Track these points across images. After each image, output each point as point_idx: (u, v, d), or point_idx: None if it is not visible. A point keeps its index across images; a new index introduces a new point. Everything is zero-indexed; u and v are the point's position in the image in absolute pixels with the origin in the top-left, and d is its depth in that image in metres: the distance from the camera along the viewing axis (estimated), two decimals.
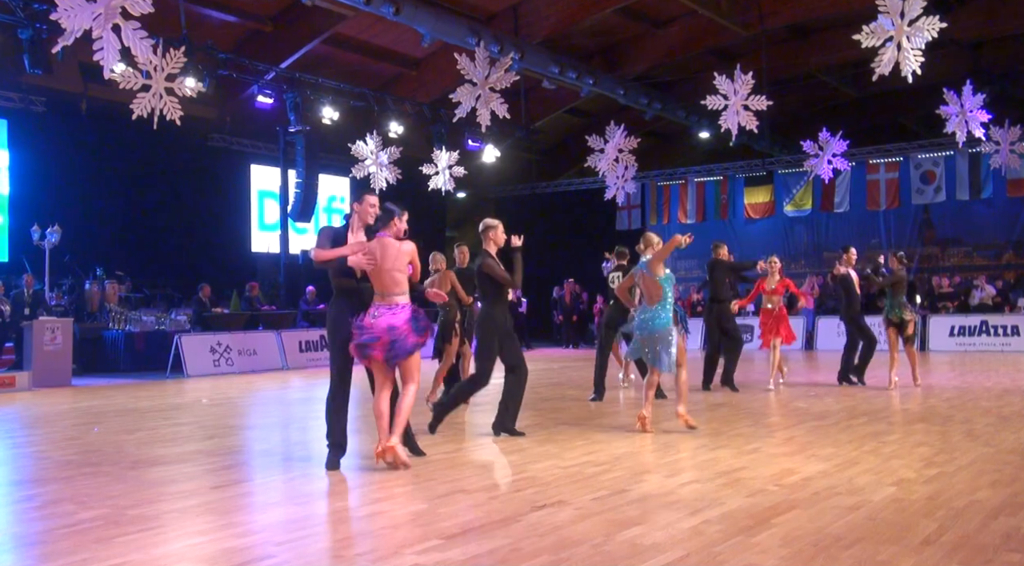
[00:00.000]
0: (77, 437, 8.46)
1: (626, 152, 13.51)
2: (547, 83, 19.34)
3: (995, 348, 19.04)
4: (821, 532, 4.57)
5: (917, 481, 5.79)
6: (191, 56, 13.33)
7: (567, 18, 18.59)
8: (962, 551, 4.21)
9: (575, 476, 6.06)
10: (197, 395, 12.57)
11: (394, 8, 14.57)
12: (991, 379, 12.87)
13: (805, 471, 6.14)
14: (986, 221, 23.97)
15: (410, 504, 5.31)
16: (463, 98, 10.86)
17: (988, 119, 12.30)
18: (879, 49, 9.22)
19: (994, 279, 21.83)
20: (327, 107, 18.50)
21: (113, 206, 18.74)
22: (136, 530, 4.77)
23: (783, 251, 23.36)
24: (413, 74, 21.32)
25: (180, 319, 17.08)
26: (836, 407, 9.76)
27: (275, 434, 9.18)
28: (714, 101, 11.45)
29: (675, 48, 20.85)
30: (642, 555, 4.19)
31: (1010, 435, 7.68)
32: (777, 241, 25.38)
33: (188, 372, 15.46)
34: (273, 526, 4.98)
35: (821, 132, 14.15)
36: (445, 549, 4.33)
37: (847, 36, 9.78)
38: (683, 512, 4.99)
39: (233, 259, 21.02)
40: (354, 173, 14.42)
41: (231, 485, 6.11)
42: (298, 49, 18.53)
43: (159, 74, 8.57)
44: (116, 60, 7.35)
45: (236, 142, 21.04)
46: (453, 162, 13.95)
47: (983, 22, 19.49)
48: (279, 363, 17.07)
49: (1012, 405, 9.78)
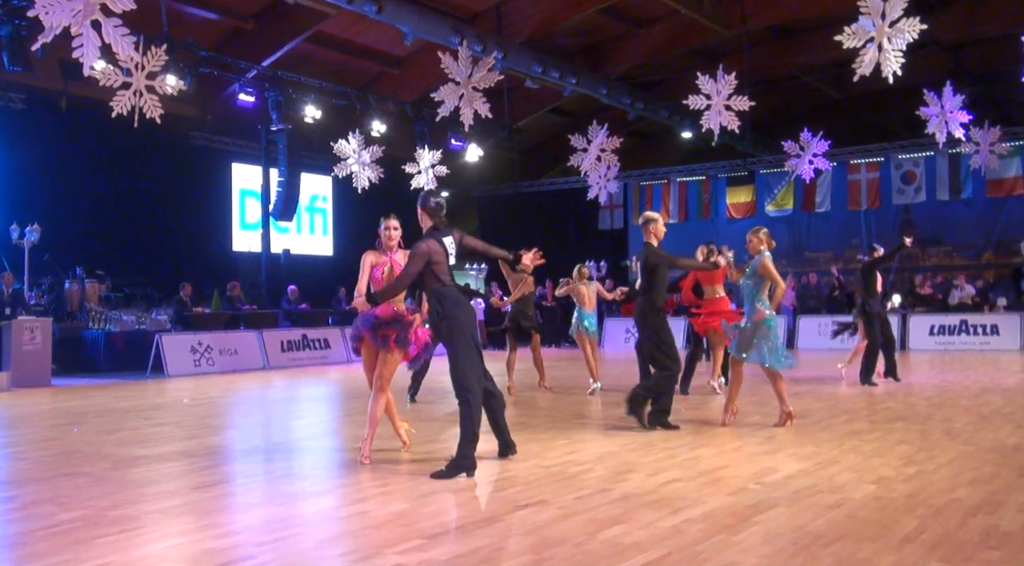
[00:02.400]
0: (57, 438, 8.39)
1: (608, 152, 13.53)
2: (530, 82, 19.34)
3: (974, 347, 19.19)
4: (802, 530, 4.59)
5: (897, 479, 5.83)
6: (172, 54, 13.24)
7: (550, 17, 18.61)
8: (942, 548, 4.25)
9: (557, 475, 6.07)
10: (178, 395, 12.50)
11: (376, 6, 14.54)
12: (970, 378, 12.97)
13: (786, 469, 6.17)
14: (966, 221, 24.16)
15: (392, 504, 5.30)
16: (446, 97, 10.84)
17: (968, 120, 12.40)
18: (860, 50, 9.28)
19: (974, 279, 21.99)
20: (309, 106, 18.44)
21: (93, 205, 18.59)
22: (117, 531, 4.74)
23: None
24: (396, 73, 21.29)
25: (161, 318, 16.97)
26: (816, 406, 9.81)
27: (256, 434, 9.14)
28: (696, 101, 11.48)
29: (658, 48, 20.90)
30: (624, 554, 4.19)
31: (989, 433, 7.75)
32: None
33: (169, 372, 15.37)
34: (255, 526, 4.96)
35: (802, 132, 14.22)
36: (427, 549, 4.32)
37: (829, 37, 9.84)
38: (665, 511, 5.01)
39: (214, 258, 20.91)
40: (336, 172, 14.37)
41: (212, 485, 6.08)
42: (280, 47, 18.46)
43: (140, 72, 8.51)
44: (96, 57, 7.31)
45: (217, 141, 20.93)
46: (436, 161, 13.92)
47: (963, 24, 19.64)
48: (260, 363, 17.01)
49: (991, 404, 9.86)
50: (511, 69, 17.61)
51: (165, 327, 16.71)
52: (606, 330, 23.57)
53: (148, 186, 19.47)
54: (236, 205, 22.01)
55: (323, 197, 23.74)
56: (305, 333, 18.28)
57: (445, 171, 14.05)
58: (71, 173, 18.23)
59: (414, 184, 14.01)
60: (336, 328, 19.01)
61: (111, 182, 18.87)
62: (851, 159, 23.74)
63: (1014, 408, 9.45)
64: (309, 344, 18.21)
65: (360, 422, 9.05)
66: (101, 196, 18.76)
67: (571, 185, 25.46)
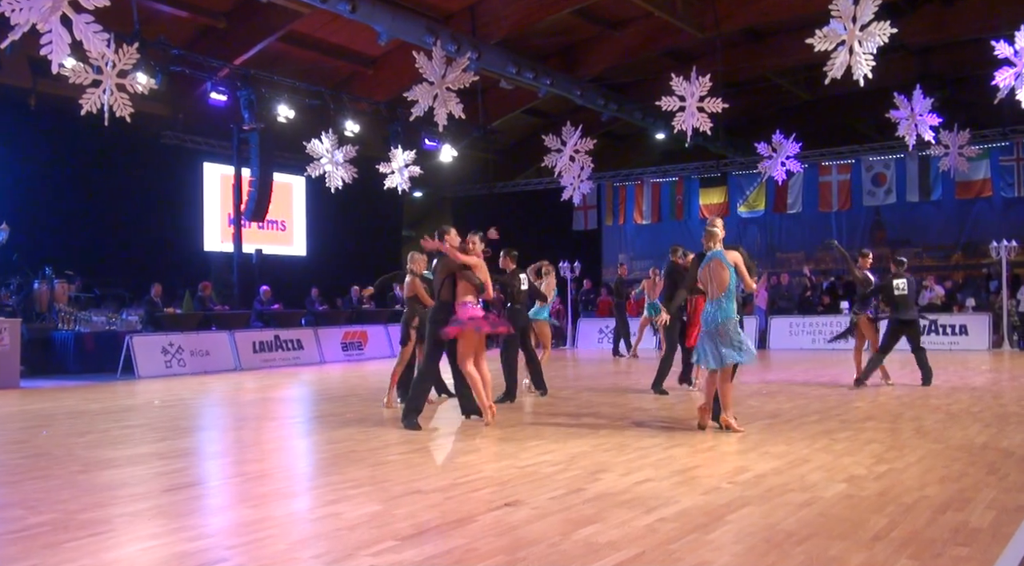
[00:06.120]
0: (26, 440, 8.28)
1: (582, 153, 13.58)
2: (504, 83, 19.35)
3: (944, 347, 19.42)
4: (774, 528, 4.62)
5: (868, 478, 5.88)
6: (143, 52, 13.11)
7: (524, 18, 18.62)
8: (911, 546, 4.29)
9: (532, 475, 6.07)
10: (149, 396, 12.38)
11: (350, 6, 14.49)
12: (940, 377, 13.10)
13: (758, 468, 6.21)
14: (935, 223, 24.46)
15: (365, 505, 5.28)
16: (420, 97, 10.83)
17: (938, 123, 12.57)
18: (831, 53, 9.39)
19: (943, 280, 22.25)
20: (282, 105, 18.31)
21: (63, 204, 18.37)
22: (86, 535, 4.69)
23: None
24: (369, 72, 21.22)
25: (131, 319, 16.79)
26: (788, 405, 9.88)
27: (228, 435, 9.07)
28: (670, 102, 11.55)
29: (632, 50, 20.99)
30: (598, 553, 4.20)
31: (958, 432, 7.84)
32: (731, 242, 25.54)
33: (139, 373, 15.21)
34: (226, 529, 4.92)
35: (775, 134, 14.33)
36: (400, 550, 4.31)
37: (801, 40, 9.94)
38: (638, 510, 5.02)
39: (185, 258, 20.73)
40: (309, 172, 14.32)
41: (183, 488, 6.02)
42: (252, 46, 18.34)
43: (111, 70, 8.43)
44: (66, 54, 7.23)
45: (189, 140, 20.77)
46: (410, 161, 13.90)
47: (933, 28, 19.89)
48: (232, 364, 16.88)
49: (960, 403, 9.98)
50: (485, 70, 17.61)
51: (136, 328, 16.53)
52: (580, 330, 23.66)
53: (118, 185, 19.25)
54: (208, 205, 21.81)
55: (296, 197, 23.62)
56: (278, 334, 18.16)
57: (419, 171, 14.04)
58: (40, 172, 18.01)
59: (388, 184, 13.99)
60: (309, 329, 18.91)
61: (81, 181, 18.66)
62: (822, 161, 23.97)
63: (982, 407, 9.58)
64: (282, 345, 18.09)
65: (332, 423, 9.03)
66: (71, 195, 18.54)
67: (545, 186, 25.52)
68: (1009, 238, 19.50)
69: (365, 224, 23.87)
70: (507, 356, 10.67)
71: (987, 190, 22.65)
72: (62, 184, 18.36)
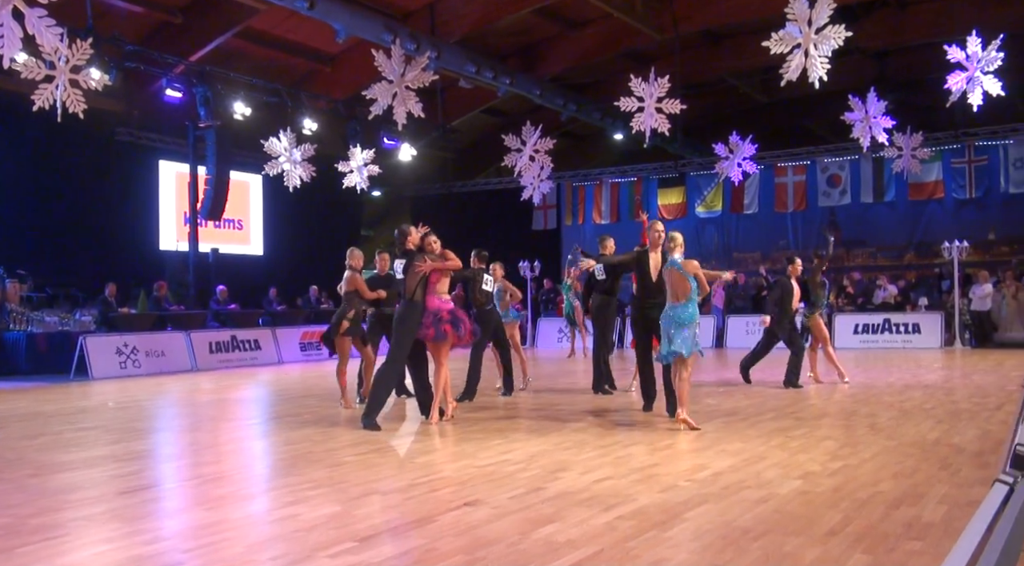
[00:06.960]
0: None
1: (542, 152, 13.61)
2: (464, 82, 19.32)
3: (897, 345, 19.75)
4: (730, 525, 4.67)
5: (822, 474, 5.97)
6: (97, 47, 12.91)
7: (484, 17, 18.60)
8: (866, 541, 4.36)
9: (491, 475, 6.08)
10: (103, 398, 12.20)
11: (308, 3, 14.37)
12: (893, 375, 13.33)
13: (715, 466, 6.27)
14: (889, 223, 24.85)
15: (323, 506, 5.25)
16: (379, 95, 10.79)
17: (891, 125, 12.77)
18: (788, 56, 9.50)
19: (896, 279, 22.63)
20: (239, 102, 18.09)
21: (14, 201, 17.99)
22: (39, 539, 4.60)
23: (694, 252, 23.68)
24: (328, 70, 21.06)
25: (85, 319, 16.51)
26: (744, 403, 9.99)
27: (184, 437, 8.97)
28: (628, 103, 11.62)
29: (591, 50, 21.06)
30: (557, 552, 4.22)
31: (911, 428, 7.97)
32: (689, 242, 25.72)
33: (93, 374, 14.98)
34: (182, 532, 4.87)
35: (732, 135, 14.46)
36: (359, 551, 4.29)
37: (757, 43, 10.04)
38: (597, 509, 5.05)
39: (140, 257, 20.39)
40: (267, 170, 14.20)
41: (139, 491, 5.94)
42: (209, 42, 18.10)
43: (64, 65, 8.29)
44: (17, 49, 7.10)
45: (144, 137, 20.44)
46: (368, 160, 13.84)
47: (888, 32, 20.19)
48: (188, 364, 16.68)
49: (913, 400, 10.16)
50: (445, 68, 17.58)
51: (89, 328, 16.27)
52: (539, 330, 23.69)
53: (72, 182, 18.92)
54: (163, 203, 21.49)
55: (254, 195, 23.38)
56: (234, 334, 17.98)
57: (378, 170, 13.98)
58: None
59: (346, 183, 13.91)
60: (267, 329, 18.74)
61: (33, 178, 18.30)
62: (778, 162, 24.23)
63: (935, 404, 9.75)
64: (239, 345, 17.91)
65: (290, 424, 8.96)
66: (22, 193, 18.18)
67: (505, 185, 25.49)
68: (961, 239, 19.89)
69: (323, 223, 23.69)
70: (474, 356, 10.79)
71: (939, 192, 23.06)
72: (13, 181, 17.98)
